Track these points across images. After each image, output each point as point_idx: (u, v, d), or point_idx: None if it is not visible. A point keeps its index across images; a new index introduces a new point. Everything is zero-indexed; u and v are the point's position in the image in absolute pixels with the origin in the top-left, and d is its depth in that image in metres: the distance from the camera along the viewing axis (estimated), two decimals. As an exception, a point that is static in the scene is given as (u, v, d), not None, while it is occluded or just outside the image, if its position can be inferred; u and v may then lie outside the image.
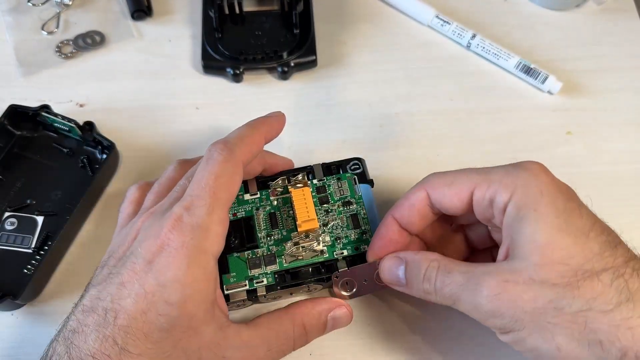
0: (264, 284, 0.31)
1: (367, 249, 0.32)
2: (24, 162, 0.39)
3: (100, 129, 0.39)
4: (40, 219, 0.36)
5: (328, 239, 0.32)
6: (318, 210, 0.33)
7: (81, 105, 0.42)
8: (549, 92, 0.43)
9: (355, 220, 0.33)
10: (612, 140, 0.41)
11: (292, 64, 0.43)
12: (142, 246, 0.27)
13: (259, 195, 0.34)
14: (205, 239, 0.27)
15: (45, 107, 0.39)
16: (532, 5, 0.47)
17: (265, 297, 0.31)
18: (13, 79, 0.43)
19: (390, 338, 0.34)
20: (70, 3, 0.46)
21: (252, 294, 0.31)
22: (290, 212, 0.33)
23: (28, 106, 0.39)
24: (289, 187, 0.33)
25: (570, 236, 0.25)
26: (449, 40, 0.46)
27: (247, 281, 0.31)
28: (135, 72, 0.44)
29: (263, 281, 0.31)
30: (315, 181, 0.35)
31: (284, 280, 0.31)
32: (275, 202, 0.34)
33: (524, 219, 0.26)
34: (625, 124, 0.42)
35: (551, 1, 0.47)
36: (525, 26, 0.46)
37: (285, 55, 0.43)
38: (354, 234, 0.33)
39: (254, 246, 0.32)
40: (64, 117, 0.38)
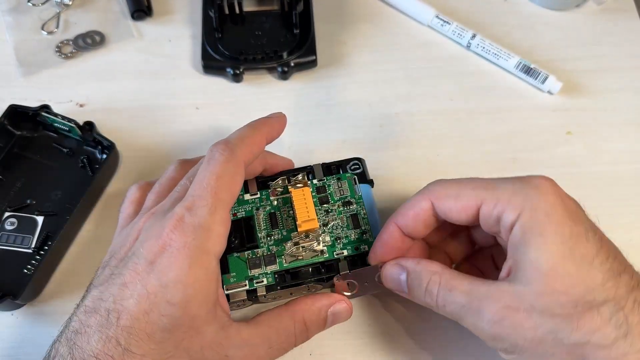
0: (264, 284, 0.31)
1: (367, 249, 0.32)
2: (24, 162, 0.39)
3: (100, 129, 0.39)
4: (40, 219, 0.36)
5: (328, 239, 0.32)
6: (318, 210, 0.33)
7: (81, 105, 0.42)
8: (549, 92, 0.43)
9: (355, 220, 0.33)
10: (612, 140, 0.41)
11: (292, 64, 0.43)
12: (143, 246, 0.27)
13: (259, 195, 0.34)
14: (207, 239, 0.27)
15: (45, 107, 0.39)
16: (532, 5, 0.47)
17: (265, 297, 0.31)
18: (13, 79, 0.43)
19: (390, 338, 0.34)
20: (70, 3, 0.46)
21: (252, 294, 0.31)
22: (290, 212, 0.33)
23: (28, 106, 0.39)
24: (289, 187, 0.33)
25: (574, 264, 0.25)
26: (449, 40, 0.46)
27: (247, 281, 0.31)
28: (135, 72, 0.44)
29: (263, 281, 0.31)
30: (315, 181, 0.35)
31: (284, 280, 0.31)
32: (275, 202, 0.34)
33: (529, 242, 0.26)
34: (625, 124, 0.42)
35: (551, 1, 0.47)
36: (525, 26, 0.46)
37: (285, 55, 0.43)
38: (354, 234, 0.33)
39: (254, 246, 0.32)
40: (64, 117, 0.38)
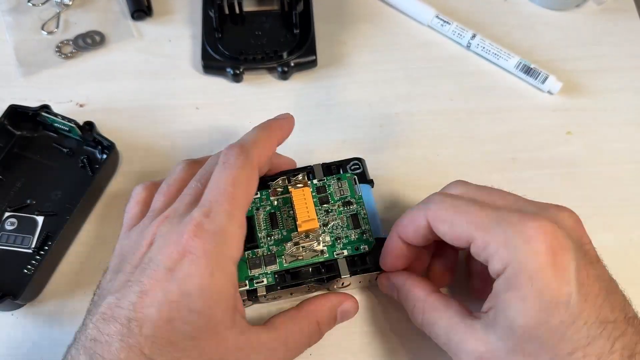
0: (264, 284, 0.31)
1: (367, 249, 0.32)
2: (24, 162, 0.39)
3: (100, 129, 0.39)
4: (40, 219, 0.36)
5: (328, 239, 0.32)
6: (318, 210, 0.33)
7: (81, 105, 0.42)
8: (549, 92, 0.43)
9: (356, 220, 0.33)
10: (612, 140, 0.41)
11: (292, 64, 0.43)
12: (161, 253, 0.26)
13: (259, 195, 0.34)
14: (227, 246, 0.27)
15: (45, 107, 0.39)
16: (532, 5, 0.47)
17: (265, 297, 0.32)
18: (13, 79, 0.43)
19: (391, 338, 0.34)
20: (70, 3, 0.46)
21: (252, 294, 0.31)
22: (290, 212, 0.33)
23: (28, 106, 0.39)
24: (289, 187, 0.33)
25: (547, 332, 0.25)
26: (449, 40, 0.46)
27: (247, 281, 0.31)
28: (135, 72, 0.44)
29: (263, 281, 0.31)
30: (315, 181, 0.35)
31: (284, 280, 0.31)
32: (276, 202, 0.34)
33: (509, 301, 0.25)
34: (625, 124, 0.42)
35: (551, 1, 0.47)
36: (525, 26, 0.46)
37: (285, 55, 0.43)
38: (354, 234, 0.33)
39: (254, 246, 0.32)
40: (64, 117, 0.38)
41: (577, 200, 0.31)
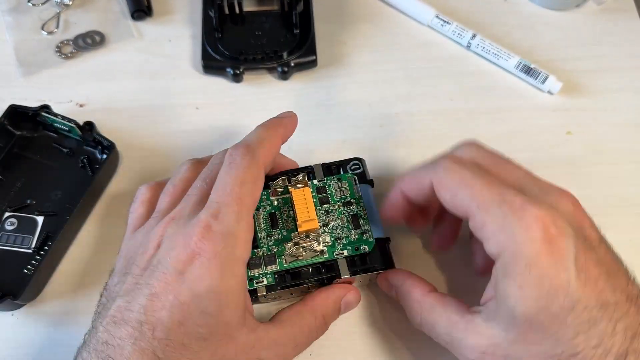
0: (264, 284, 0.31)
1: (367, 249, 0.32)
2: (24, 162, 0.39)
3: (100, 129, 0.39)
4: (40, 219, 0.36)
5: (328, 239, 0.32)
6: (318, 210, 0.33)
7: (81, 105, 0.42)
8: (549, 92, 0.43)
9: (356, 220, 0.33)
10: (612, 140, 0.41)
11: (292, 64, 0.43)
12: (170, 255, 0.26)
13: (259, 196, 0.34)
14: (236, 247, 0.27)
15: (45, 107, 0.39)
16: (532, 5, 0.47)
17: (265, 297, 0.31)
18: (13, 79, 0.43)
19: (391, 338, 0.34)
20: (70, 3, 0.46)
21: (253, 294, 0.31)
22: (290, 212, 0.33)
23: (28, 106, 0.39)
24: (289, 187, 0.33)
25: (547, 318, 0.25)
26: (449, 40, 0.46)
27: (247, 281, 0.31)
28: (135, 72, 0.44)
29: (263, 281, 0.31)
30: (315, 181, 0.35)
31: (284, 281, 0.31)
32: (276, 202, 0.34)
33: (508, 289, 0.25)
34: (625, 124, 0.42)
35: (551, 1, 0.47)
36: (525, 26, 0.46)
37: (285, 55, 0.43)
38: (354, 235, 0.33)
39: (254, 246, 0.32)
40: (64, 117, 0.38)
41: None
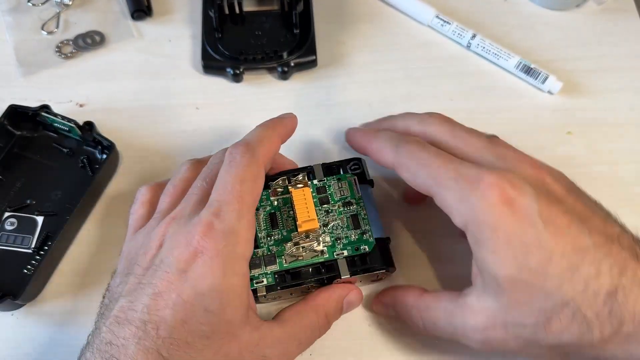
0: (264, 284, 0.31)
1: (367, 249, 0.32)
2: (24, 162, 0.39)
3: (100, 129, 0.39)
4: (40, 219, 0.36)
5: (328, 239, 0.32)
6: (318, 210, 0.33)
7: (81, 105, 0.42)
8: (549, 92, 0.43)
9: (356, 220, 0.33)
10: (612, 140, 0.41)
11: (292, 64, 0.43)
12: (172, 254, 0.27)
13: (259, 196, 0.34)
14: (238, 245, 0.27)
15: (45, 107, 0.39)
16: (532, 5, 0.47)
17: (265, 297, 0.31)
18: (13, 79, 0.43)
19: (391, 338, 0.34)
20: (70, 3, 0.46)
21: (253, 294, 0.31)
22: (290, 212, 0.33)
23: (28, 106, 0.39)
24: (289, 187, 0.33)
25: (530, 274, 0.25)
26: (449, 40, 0.46)
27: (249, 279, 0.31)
28: (135, 72, 0.44)
29: (263, 281, 0.31)
30: (315, 181, 0.35)
31: (284, 281, 0.31)
32: (276, 202, 0.34)
33: (484, 258, 0.26)
34: (625, 124, 0.42)
35: (551, 1, 0.47)
36: (525, 26, 0.46)
37: (285, 55, 0.43)
38: (354, 235, 0.33)
39: (254, 246, 0.32)
40: (63, 117, 0.38)
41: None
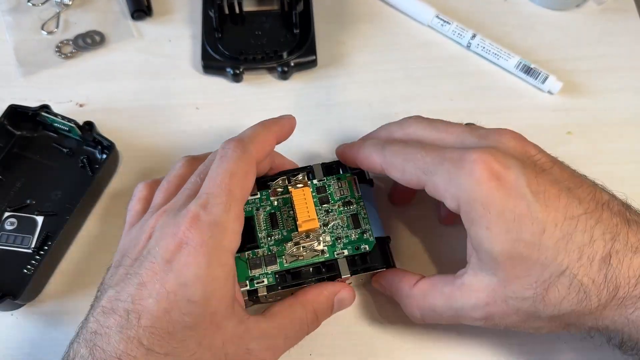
0: (264, 284, 0.31)
1: (367, 249, 0.32)
2: (24, 162, 0.39)
3: (100, 129, 0.39)
4: (40, 219, 0.36)
5: (328, 238, 0.32)
6: (318, 210, 0.33)
7: (81, 105, 0.42)
8: (549, 92, 0.43)
9: (356, 220, 0.33)
10: (612, 140, 0.41)
11: (292, 64, 0.43)
12: (159, 245, 0.27)
13: (259, 196, 0.34)
14: (224, 237, 0.27)
15: (45, 107, 0.39)
16: (532, 5, 0.47)
17: (266, 297, 0.31)
18: (13, 79, 0.43)
19: (391, 338, 0.34)
20: (70, 3, 0.46)
21: (253, 295, 0.31)
22: (290, 212, 0.33)
23: (28, 106, 0.39)
24: (289, 187, 0.33)
25: (525, 247, 0.26)
26: (449, 40, 0.46)
27: (247, 281, 0.31)
28: (135, 72, 0.44)
29: (264, 281, 0.31)
30: (315, 181, 0.35)
31: (284, 281, 0.31)
32: (276, 202, 0.34)
33: (478, 235, 0.27)
34: (625, 124, 0.42)
35: (551, 1, 0.47)
36: (525, 26, 0.46)
37: (285, 55, 0.43)
38: (354, 234, 0.33)
39: (254, 246, 0.32)
40: (63, 117, 0.38)
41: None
